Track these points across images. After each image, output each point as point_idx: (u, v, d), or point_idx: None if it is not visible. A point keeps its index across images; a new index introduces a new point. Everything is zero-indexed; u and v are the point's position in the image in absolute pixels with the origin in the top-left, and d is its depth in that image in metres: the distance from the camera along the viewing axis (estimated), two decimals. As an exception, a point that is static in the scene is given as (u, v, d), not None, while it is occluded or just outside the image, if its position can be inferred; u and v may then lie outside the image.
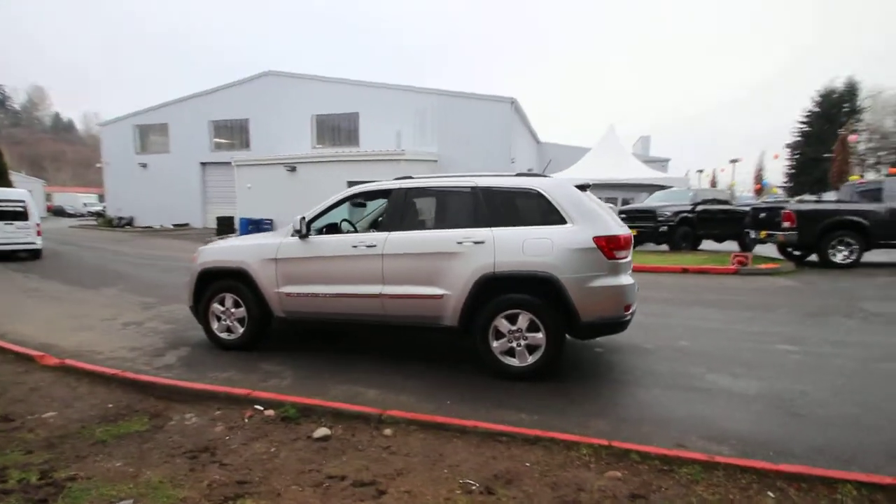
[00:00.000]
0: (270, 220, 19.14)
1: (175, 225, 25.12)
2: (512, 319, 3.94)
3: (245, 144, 24.62)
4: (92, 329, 5.73)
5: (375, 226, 5.75)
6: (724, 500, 2.20)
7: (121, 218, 26.20)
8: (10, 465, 2.55)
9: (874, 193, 10.40)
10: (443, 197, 4.37)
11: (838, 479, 2.24)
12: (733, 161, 54.45)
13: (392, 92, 21.34)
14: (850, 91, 53.62)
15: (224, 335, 4.84)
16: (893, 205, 9.90)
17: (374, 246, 4.24)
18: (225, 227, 20.56)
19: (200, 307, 4.88)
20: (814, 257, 10.61)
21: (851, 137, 21.51)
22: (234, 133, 25.10)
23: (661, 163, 29.28)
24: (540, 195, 4.02)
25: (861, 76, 53.48)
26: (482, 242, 3.96)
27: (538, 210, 4.03)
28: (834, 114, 53.93)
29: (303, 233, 4.46)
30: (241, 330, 4.76)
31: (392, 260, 4.18)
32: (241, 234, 19.30)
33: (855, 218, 9.99)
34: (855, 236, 10.00)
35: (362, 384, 3.87)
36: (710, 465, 2.43)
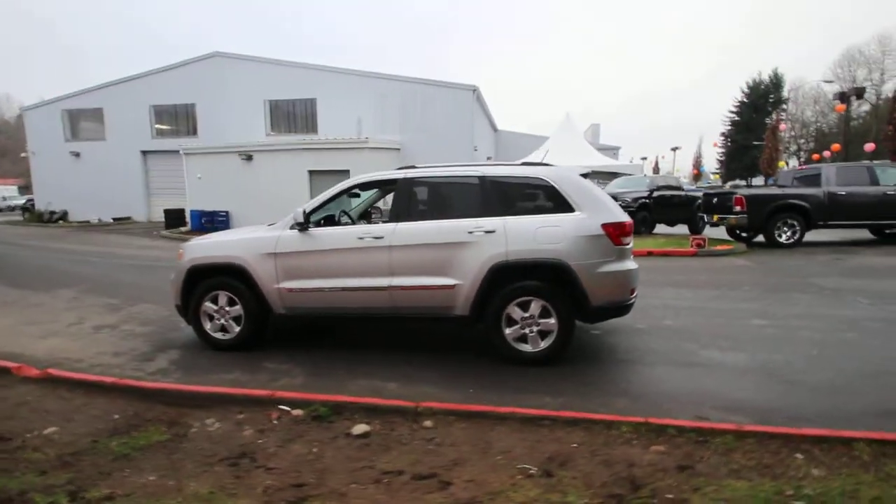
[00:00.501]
0: (226, 212, 18.23)
1: (115, 219, 23.34)
2: (524, 306, 4.04)
3: (191, 131, 23.16)
4: (60, 335, 5.29)
5: (365, 217, 5.65)
6: (761, 465, 2.40)
7: (52, 212, 23.98)
8: (29, 488, 2.35)
9: (812, 179, 11.38)
10: (449, 187, 4.37)
11: (853, 438, 2.51)
12: (674, 149, 57.68)
13: (351, 77, 20.76)
14: (775, 83, 58.03)
15: (218, 335, 4.63)
16: (830, 189, 10.88)
17: (382, 237, 4.18)
18: (174, 220, 19.37)
19: (190, 306, 4.62)
20: (760, 238, 11.51)
21: (781, 126, 23.31)
22: (178, 119, 23.53)
23: (612, 150, 30.42)
24: (547, 184, 4.11)
25: (784, 70, 57.77)
26: (493, 231, 4.01)
27: (546, 199, 4.13)
28: (761, 104, 58.34)
29: (304, 225, 4.32)
30: (238, 329, 4.57)
31: (401, 251, 4.14)
32: (193, 227, 18.27)
33: (798, 202, 10.91)
34: (798, 218, 10.93)
35: (378, 378, 3.84)
36: (741, 434, 2.63)
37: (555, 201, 4.09)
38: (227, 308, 4.56)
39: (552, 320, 4.00)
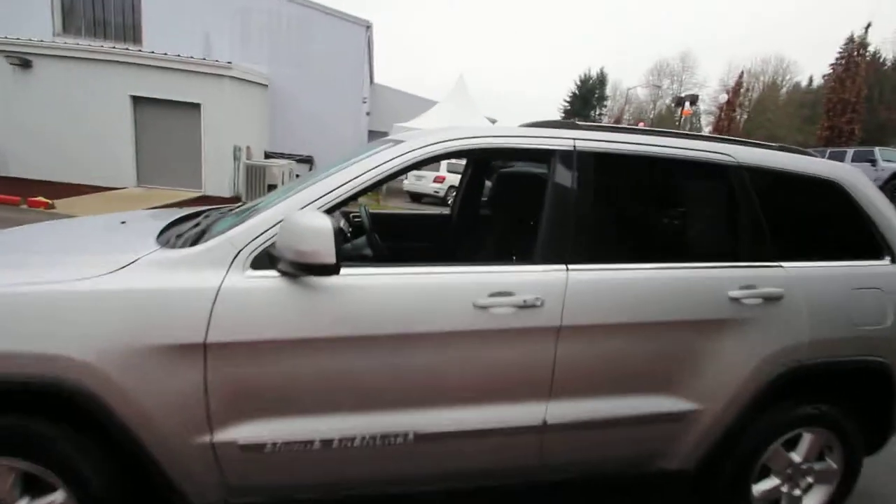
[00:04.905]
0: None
1: None
2: (790, 444, 2.01)
3: None
4: None
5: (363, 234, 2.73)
6: None
7: None
8: None
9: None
10: (669, 182, 1.98)
11: None
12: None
13: (197, -25, 15.15)
14: (601, 81, 66.04)
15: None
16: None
17: (539, 305, 1.62)
18: None
19: None
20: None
21: (641, 124, 25.33)
22: None
23: (491, 122, 29.75)
24: (840, 191, 2.06)
25: (609, 70, 65.66)
26: (779, 298, 1.83)
27: (837, 223, 2.10)
28: (589, 98, 66.06)
29: (316, 270, 1.41)
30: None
31: (581, 340, 1.69)
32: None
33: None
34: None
35: None
36: None
37: (851, 228, 2.08)
38: None
39: (832, 463, 2.08)
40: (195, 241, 1.57)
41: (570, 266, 1.70)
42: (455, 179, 14.86)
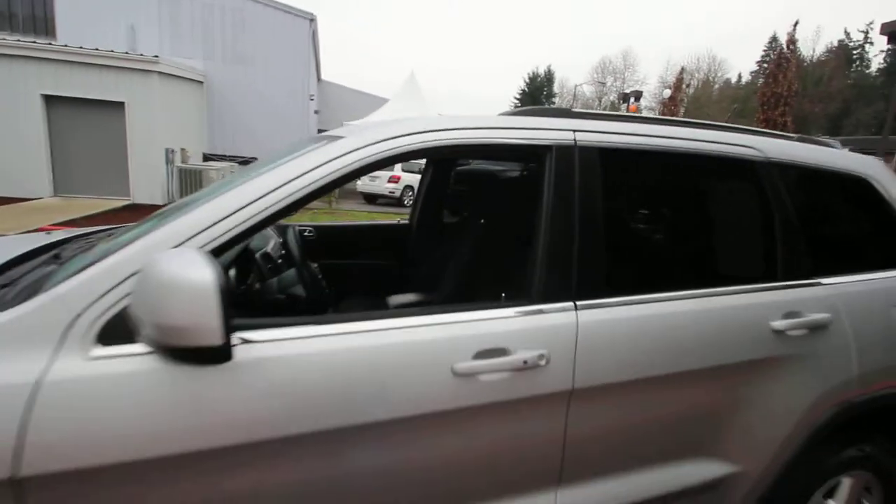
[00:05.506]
0: None
1: None
2: (828, 492, 1.70)
3: None
4: None
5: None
6: None
7: None
8: None
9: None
10: (693, 184, 1.60)
11: None
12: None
13: (117, -38, 13.76)
14: (549, 78, 67.71)
15: None
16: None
17: (543, 364, 1.17)
18: None
19: None
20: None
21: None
22: None
23: (444, 120, 29.34)
24: (870, 188, 1.76)
25: (555, 68, 67.53)
26: (825, 326, 1.49)
27: (866, 226, 1.82)
28: (538, 95, 67.63)
29: (213, 345, 0.87)
30: None
31: (599, 404, 1.28)
32: None
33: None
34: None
35: None
36: None
37: (883, 232, 1.79)
38: None
39: (871, 508, 1.79)
40: (30, 296, 1.01)
41: (580, 303, 1.26)
42: (411, 179, 14.31)
